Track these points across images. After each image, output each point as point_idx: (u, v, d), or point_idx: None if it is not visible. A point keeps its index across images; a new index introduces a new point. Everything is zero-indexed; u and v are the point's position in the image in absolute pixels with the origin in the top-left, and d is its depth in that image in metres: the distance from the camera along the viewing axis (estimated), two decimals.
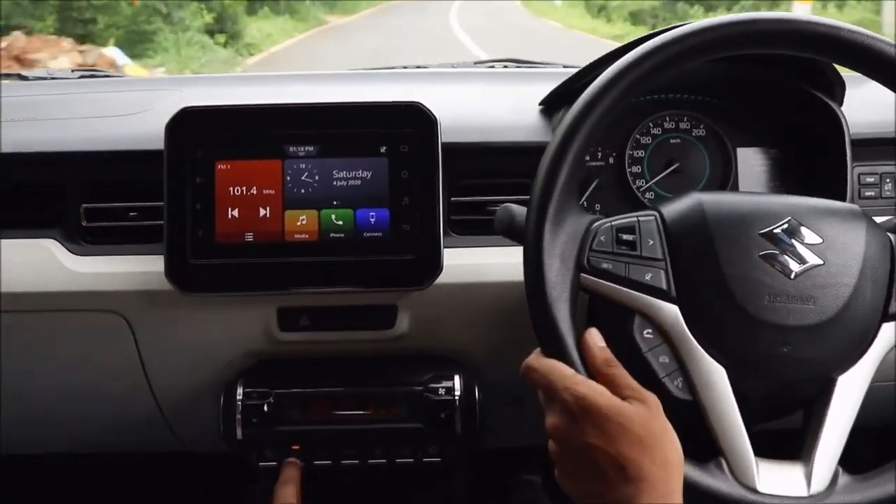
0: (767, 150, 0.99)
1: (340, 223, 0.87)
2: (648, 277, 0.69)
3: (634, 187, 0.97)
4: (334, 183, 0.88)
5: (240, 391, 0.91)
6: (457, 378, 0.92)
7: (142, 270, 0.90)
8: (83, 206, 0.92)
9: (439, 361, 0.94)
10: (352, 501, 0.88)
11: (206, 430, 0.94)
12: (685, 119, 0.98)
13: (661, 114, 0.98)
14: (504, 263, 0.89)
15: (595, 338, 0.68)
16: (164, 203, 0.87)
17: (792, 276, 0.67)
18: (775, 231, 0.69)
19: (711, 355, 0.67)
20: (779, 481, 0.65)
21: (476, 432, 0.92)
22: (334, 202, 0.88)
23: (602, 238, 0.70)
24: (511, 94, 1.04)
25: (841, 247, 0.69)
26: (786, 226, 0.69)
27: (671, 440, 0.62)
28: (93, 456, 1.21)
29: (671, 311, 0.68)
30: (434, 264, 0.87)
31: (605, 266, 0.69)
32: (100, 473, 1.34)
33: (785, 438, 0.70)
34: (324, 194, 0.88)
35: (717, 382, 0.66)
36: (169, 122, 0.87)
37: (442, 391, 0.91)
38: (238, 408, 0.90)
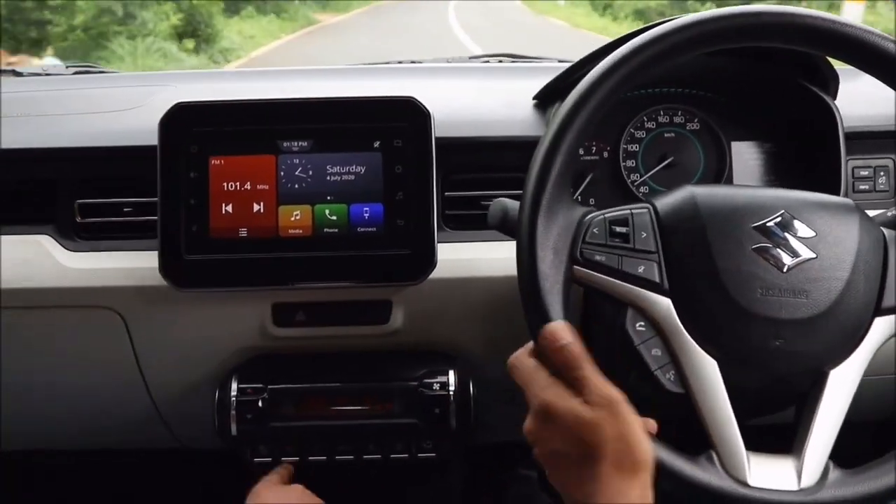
0: (762, 144, 0.99)
1: (334, 218, 0.87)
2: (641, 270, 0.69)
3: (629, 181, 0.97)
4: (328, 178, 0.88)
5: (234, 387, 0.91)
6: (451, 373, 0.92)
7: (136, 266, 0.90)
8: (77, 202, 0.92)
9: (434, 356, 0.94)
10: (346, 497, 0.88)
11: (202, 427, 0.94)
12: (679, 113, 0.98)
13: (656, 108, 0.98)
14: (498, 258, 0.89)
15: (555, 335, 0.63)
16: (158, 198, 0.87)
17: (785, 270, 0.67)
18: (768, 224, 0.69)
19: (704, 348, 0.67)
20: (769, 475, 0.65)
21: (471, 427, 0.92)
22: (328, 197, 0.88)
23: (595, 230, 0.70)
24: (505, 89, 1.03)
25: (834, 240, 0.69)
26: (779, 219, 0.69)
27: (637, 443, 0.60)
28: (89, 453, 1.21)
29: (664, 304, 0.68)
30: (428, 259, 0.87)
31: (598, 258, 0.69)
32: (96, 470, 1.33)
33: (777, 432, 0.70)
34: (317, 189, 0.88)
35: (709, 375, 0.66)
36: (163, 118, 0.87)
37: (436, 386, 0.91)
38: (232, 403, 0.90)
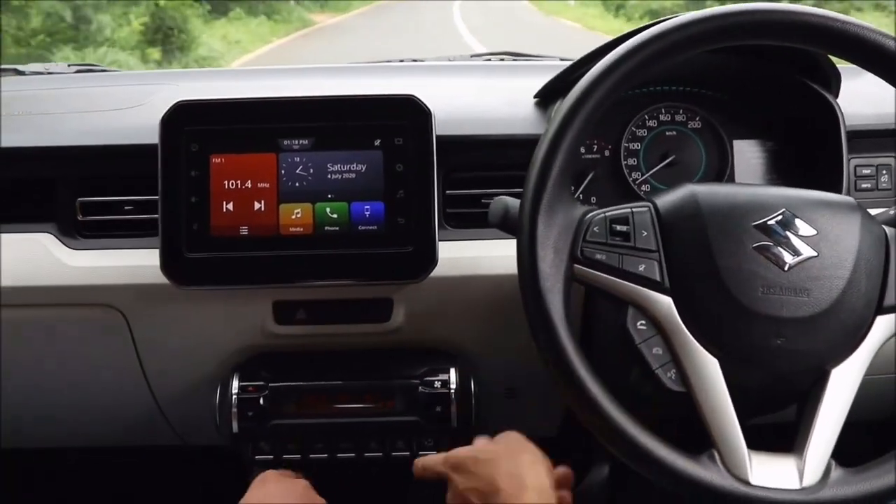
0: (763, 143, 0.98)
1: (335, 216, 0.87)
2: (642, 268, 0.68)
3: (630, 180, 0.97)
4: (329, 176, 0.88)
5: (235, 384, 0.91)
6: (452, 371, 0.92)
7: (137, 264, 0.90)
8: (79, 200, 0.92)
9: (435, 354, 0.94)
10: (348, 495, 0.88)
11: (203, 424, 0.95)
12: (681, 111, 0.98)
13: (657, 106, 0.98)
14: (499, 256, 0.89)
15: (423, 463, 0.78)
16: (159, 197, 0.87)
17: (786, 268, 0.67)
18: (769, 223, 0.69)
19: (705, 347, 0.66)
20: (771, 474, 0.65)
21: (471, 425, 0.92)
22: (329, 195, 0.88)
23: (596, 229, 0.70)
24: (506, 87, 1.03)
25: (835, 239, 0.69)
26: (780, 217, 0.69)
27: (511, 484, 0.69)
28: (90, 450, 1.22)
29: (664, 303, 0.68)
30: (429, 257, 0.87)
31: (599, 257, 0.69)
32: (97, 468, 1.34)
33: (778, 431, 0.70)
34: (318, 187, 0.88)
35: (711, 374, 0.66)
36: (164, 116, 0.87)
37: (437, 384, 0.91)
38: (234, 401, 0.90)
